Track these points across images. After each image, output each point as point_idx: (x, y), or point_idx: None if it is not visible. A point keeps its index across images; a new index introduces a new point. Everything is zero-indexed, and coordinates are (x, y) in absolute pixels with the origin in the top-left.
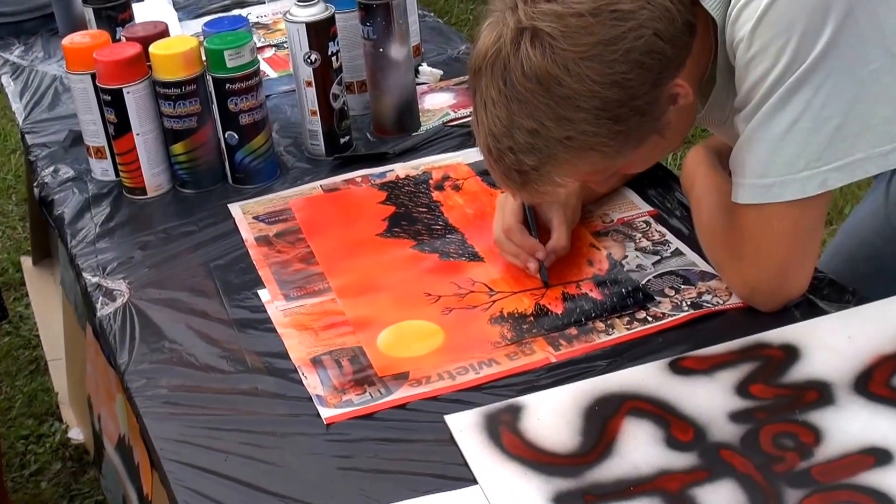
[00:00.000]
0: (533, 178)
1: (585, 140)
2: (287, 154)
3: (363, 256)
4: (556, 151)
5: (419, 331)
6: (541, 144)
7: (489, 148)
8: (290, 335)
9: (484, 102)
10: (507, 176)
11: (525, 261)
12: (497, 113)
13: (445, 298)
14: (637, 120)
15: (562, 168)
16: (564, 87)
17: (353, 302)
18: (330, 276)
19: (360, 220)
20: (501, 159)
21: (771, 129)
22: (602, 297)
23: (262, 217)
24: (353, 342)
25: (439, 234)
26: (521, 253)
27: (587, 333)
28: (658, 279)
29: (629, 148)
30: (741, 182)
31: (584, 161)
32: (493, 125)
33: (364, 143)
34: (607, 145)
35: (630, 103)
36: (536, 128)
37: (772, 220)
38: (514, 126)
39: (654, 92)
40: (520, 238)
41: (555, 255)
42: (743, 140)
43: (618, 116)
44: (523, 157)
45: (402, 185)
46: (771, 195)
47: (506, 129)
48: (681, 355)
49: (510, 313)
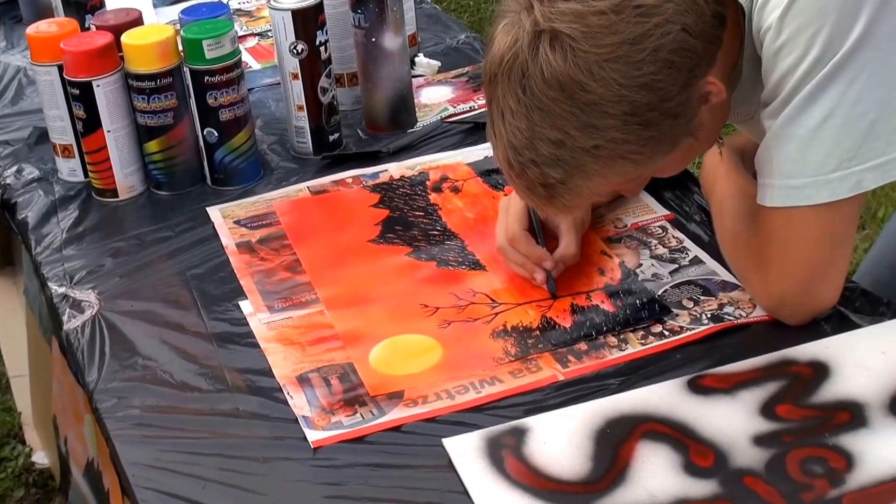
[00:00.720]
0: (560, 191)
1: (615, 148)
2: (271, 153)
3: (354, 265)
4: (584, 162)
5: (415, 346)
6: (566, 156)
7: (510, 161)
8: (275, 350)
9: (501, 112)
10: (532, 191)
11: (531, 270)
12: (517, 124)
13: (444, 311)
14: (669, 124)
15: (590, 179)
16: (589, 92)
17: (343, 314)
18: (318, 286)
19: (350, 225)
20: (524, 173)
21: (800, 126)
22: (614, 310)
23: (243, 221)
24: (342, 358)
25: (437, 241)
26: (527, 262)
27: (598, 349)
28: (675, 290)
29: (661, 154)
30: (767, 183)
31: (614, 171)
32: (512, 137)
33: (355, 140)
34: (638, 153)
35: (660, 106)
36: (561, 138)
37: (800, 224)
38: (536, 137)
39: (685, 92)
40: (525, 247)
41: (563, 264)
42: (770, 137)
43: (648, 121)
44: (548, 170)
45: (397, 187)
46: (800, 197)
47: (527, 141)
48: (700, 373)
49: (514, 327)
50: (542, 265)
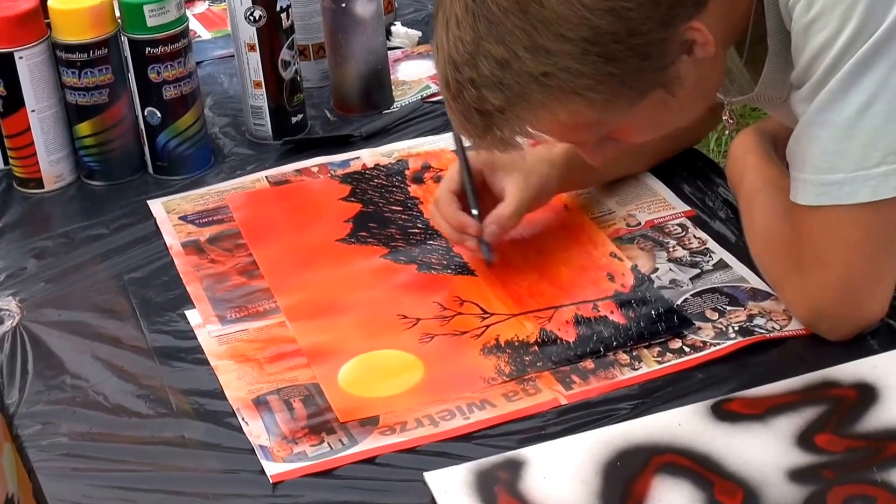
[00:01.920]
0: (497, 121)
1: (567, 80)
2: (223, 137)
3: (320, 268)
4: (529, 91)
5: (392, 364)
6: (510, 80)
7: (447, 79)
8: (227, 368)
9: (447, 20)
10: (467, 118)
11: (459, 238)
12: (461, 35)
13: (426, 322)
14: (636, 64)
15: (534, 113)
16: (547, 8)
17: (308, 326)
18: (278, 294)
19: (316, 222)
20: (461, 95)
21: (837, 114)
22: (626, 322)
23: (191, 217)
24: (307, 378)
25: (418, 240)
26: (450, 229)
27: (607, 368)
28: (697, 298)
29: (624, 100)
30: (801, 178)
31: (564, 107)
32: (454, 50)
33: (322, 122)
34: (595, 90)
35: (628, 40)
36: (507, 58)
37: (839, 226)
38: (480, 53)
39: (660, 31)
40: (446, 210)
41: (497, 226)
42: (803, 126)
43: (611, 54)
44: (488, 94)
45: (371, 177)
46: (838, 195)
47: (469, 57)
48: (726, 396)
49: (508, 342)
50: (467, 232)
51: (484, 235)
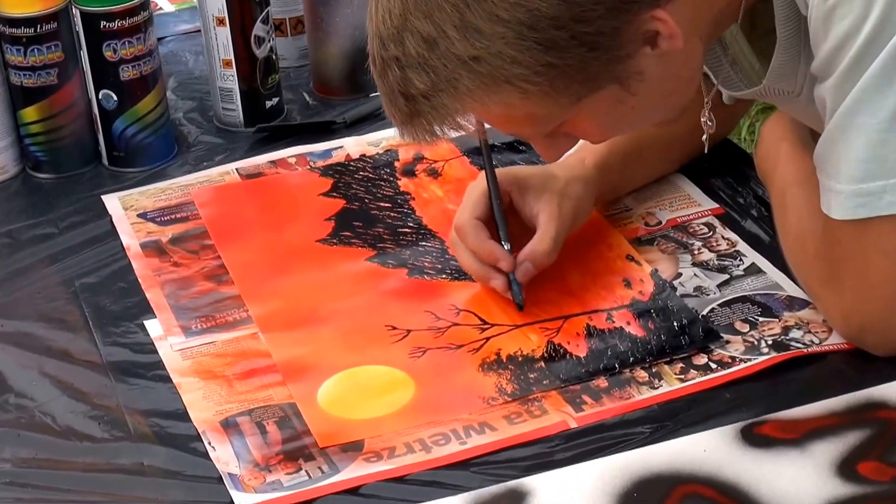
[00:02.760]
0: (423, 108)
1: (499, 67)
2: (188, 123)
3: (298, 272)
4: (457, 76)
5: (379, 381)
6: (437, 62)
7: (374, 55)
8: (192, 386)
9: None
10: (391, 100)
11: (485, 273)
12: (389, 6)
13: (417, 334)
14: (581, 55)
15: (461, 101)
16: None
17: (284, 338)
18: (250, 301)
19: (293, 220)
20: (385, 74)
21: (873, 115)
22: (644, 334)
23: (151, 214)
24: (282, 397)
25: (409, 241)
26: (476, 263)
27: (623, 386)
28: (726, 308)
29: (566, 95)
30: (834, 188)
31: (494, 97)
32: (381, 23)
33: (300, 107)
34: (530, 81)
35: (572, 27)
36: (435, 36)
37: (880, 238)
38: (407, 29)
39: (612, 20)
40: (473, 239)
41: (532, 264)
42: (834, 129)
43: (551, 42)
44: (412, 76)
45: (356, 170)
46: (878, 206)
47: (395, 32)
48: (758, 418)
49: (511, 356)
50: (497, 266)
51: (517, 275)
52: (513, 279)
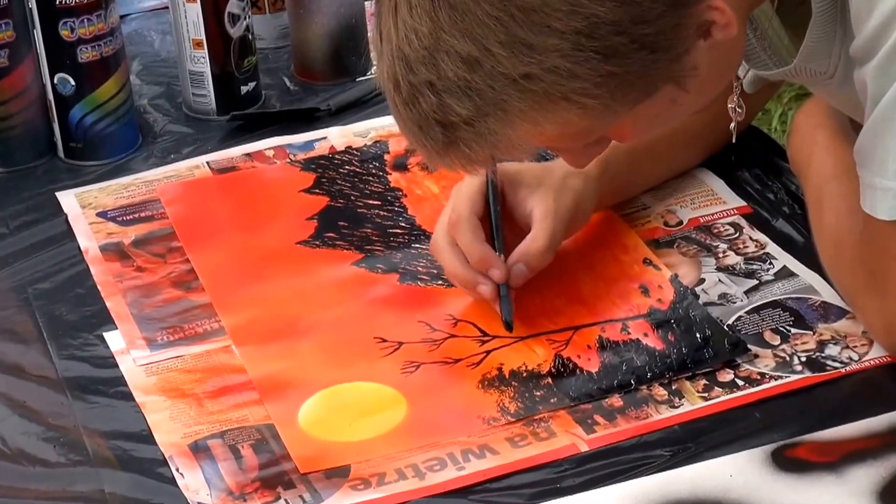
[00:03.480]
0: (464, 136)
1: (555, 83)
2: (154, 111)
3: (276, 278)
4: (506, 97)
5: (367, 399)
6: (482, 83)
7: (397, 81)
8: (157, 406)
9: (395, 6)
10: (424, 130)
11: (472, 280)
12: (414, 24)
13: (409, 347)
14: (642, 59)
15: (512, 125)
16: None
17: (260, 352)
18: (222, 311)
19: (271, 220)
20: (416, 102)
21: None
22: (663, 347)
23: (112, 213)
24: (258, 417)
25: (400, 242)
26: (462, 267)
27: (639, 405)
28: (754, 316)
29: (625, 103)
30: (876, 184)
31: (550, 117)
32: (405, 44)
33: (280, 93)
34: (590, 94)
35: (633, 30)
36: (477, 56)
37: None
38: (441, 49)
39: (673, 16)
40: (467, 240)
41: (527, 268)
42: (878, 120)
43: (611, 50)
44: (451, 101)
45: (341, 163)
46: None
47: (426, 54)
48: (791, 440)
49: (515, 372)
50: (487, 272)
51: (511, 279)
52: (503, 296)
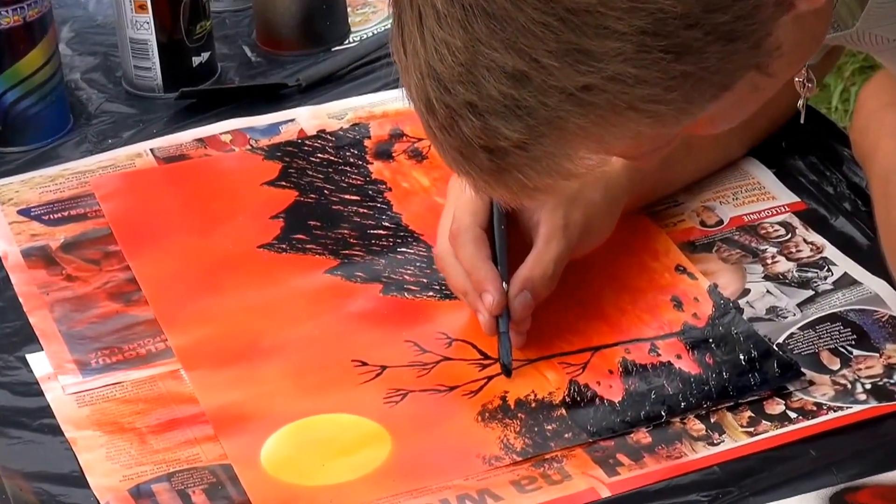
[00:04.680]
0: (516, 162)
1: (619, 92)
2: (88, 87)
3: (234, 289)
4: (563, 114)
5: (343, 435)
6: (532, 101)
7: (430, 102)
8: (91, 443)
9: (419, 13)
10: (467, 157)
11: (472, 302)
12: (446, 37)
13: (395, 372)
14: (719, 52)
15: (571, 144)
16: None
17: (215, 378)
18: (169, 328)
19: (228, 219)
20: (455, 126)
21: None
22: (700, 371)
23: (36, 211)
24: (213, 456)
25: (384, 246)
26: (466, 284)
27: (671, 442)
28: (809, 332)
29: (699, 104)
30: None
31: (618, 132)
32: (437, 60)
33: (240, 66)
34: (662, 101)
35: (707, 21)
36: (525, 69)
37: None
38: (480, 64)
39: None
40: (468, 255)
41: (532, 294)
42: None
43: (684, 46)
44: (498, 124)
45: (313, 150)
46: None
47: (464, 71)
48: (852, 483)
49: (522, 402)
50: (483, 293)
51: (512, 310)
52: (503, 331)
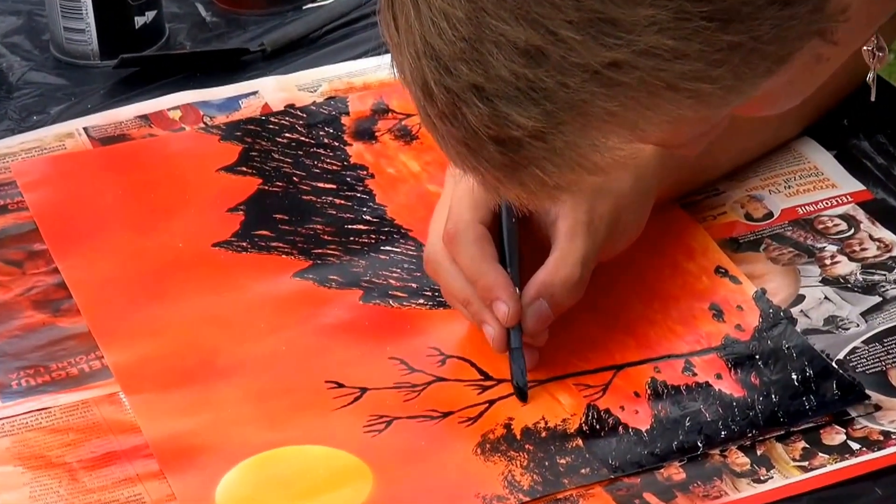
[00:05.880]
0: (533, 155)
1: (655, 70)
2: (10, 53)
3: (183, 296)
4: (587, 97)
5: (315, 471)
6: (550, 82)
7: (426, 84)
8: (12, 480)
9: None
10: (474, 150)
11: (477, 312)
12: (446, 7)
13: (377, 395)
14: (774, 16)
15: (599, 130)
16: None
17: (161, 403)
18: (106, 343)
19: (177, 212)
20: (458, 113)
21: None
22: (744, 394)
23: None
24: (158, 496)
25: (364, 244)
26: (467, 292)
27: (709, 479)
28: (875, 348)
29: (751, 80)
30: None
31: (654, 117)
32: (434, 35)
33: (192, 27)
34: (706, 77)
35: None
36: (540, 44)
37: None
38: (487, 38)
39: None
40: (468, 259)
41: (545, 305)
42: None
43: (730, 12)
44: (510, 111)
45: (279, 129)
46: None
47: (468, 47)
48: None
49: (529, 431)
50: (494, 301)
51: (526, 322)
52: (515, 347)
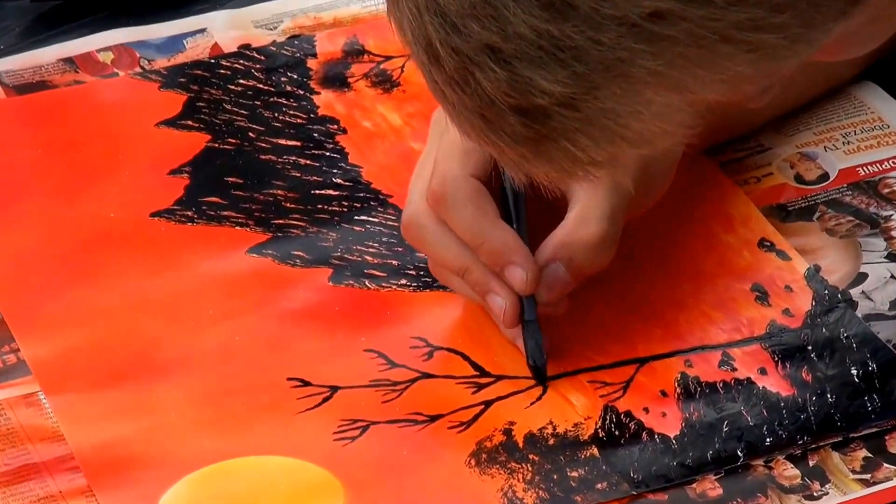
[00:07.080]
0: (562, 126)
1: (705, 20)
2: None
3: (115, 277)
4: (625, 54)
5: (276, 486)
6: (580, 39)
7: (431, 45)
8: None
9: None
10: (491, 122)
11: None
12: None
13: (350, 395)
14: None
15: (641, 96)
16: None
17: (88, 405)
18: (22, 335)
19: (107, 175)
20: (470, 79)
21: None
22: (793, 392)
23: None
24: None
25: (335, 213)
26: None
27: (751, 495)
28: None
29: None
30: None
31: (707, 76)
32: None
33: None
34: (767, 27)
35: None
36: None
37: None
38: None
39: None
40: (465, 219)
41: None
42: None
43: None
44: (533, 74)
45: (232, 75)
46: None
47: (479, 2)
48: None
49: (533, 437)
50: (507, 266)
51: (543, 287)
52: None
